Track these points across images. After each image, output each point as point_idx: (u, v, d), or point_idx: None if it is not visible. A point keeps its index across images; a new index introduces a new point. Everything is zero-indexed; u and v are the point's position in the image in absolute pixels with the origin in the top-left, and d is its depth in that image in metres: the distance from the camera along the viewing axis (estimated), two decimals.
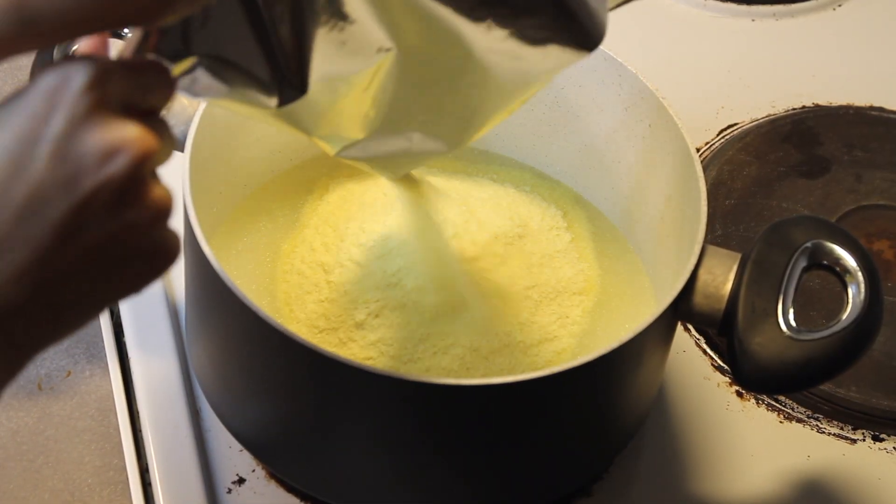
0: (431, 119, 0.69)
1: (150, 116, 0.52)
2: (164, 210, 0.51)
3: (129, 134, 0.49)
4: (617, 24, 1.12)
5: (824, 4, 1.18)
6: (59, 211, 0.49)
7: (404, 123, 0.68)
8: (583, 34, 0.65)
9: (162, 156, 0.52)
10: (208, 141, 0.79)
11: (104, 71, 0.49)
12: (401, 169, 0.73)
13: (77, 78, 0.49)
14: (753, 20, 1.16)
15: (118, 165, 0.49)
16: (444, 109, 0.68)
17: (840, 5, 1.18)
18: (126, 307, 0.88)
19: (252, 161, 0.86)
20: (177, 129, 0.79)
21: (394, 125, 0.67)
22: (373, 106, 0.65)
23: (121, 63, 0.51)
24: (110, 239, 0.50)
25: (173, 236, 0.53)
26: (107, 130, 0.49)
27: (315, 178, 0.89)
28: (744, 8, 1.17)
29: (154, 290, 0.89)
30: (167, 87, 0.53)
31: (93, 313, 0.53)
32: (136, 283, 0.53)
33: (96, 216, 0.49)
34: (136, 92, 0.51)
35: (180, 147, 0.78)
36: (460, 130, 0.69)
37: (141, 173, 0.50)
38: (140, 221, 0.50)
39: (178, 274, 0.89)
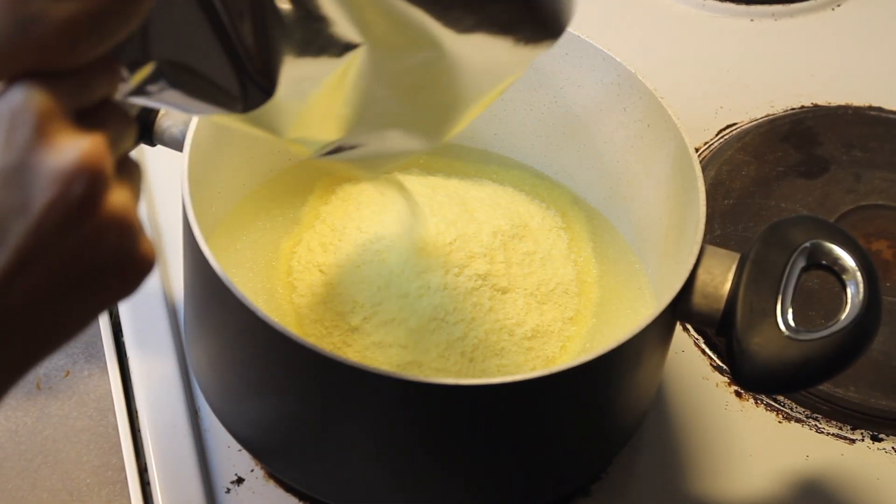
0: (407, 115, 0.68)
1: (103, 107, 0.51)
2: (125, 219, 0.50)
3: (79, 153, 0.48)
4: (616, 23, 1.13)
5: (823, 4, 1.18)
6: (15, 236, 0.48)
7: (379, 121, 0.67)
8: (550, 18, 0.65)
9: (123, 145, 0.52)
10: (207, 140, 0.78)
11: (48, 87, 0.49)
12: (381, 167, 0.72)
13: (19, 100, 0.48)
14: (752, 20, 1.16)
15: (72, 187, 0.48)
16: (419, 105, 0.68)
17: (839, 5, 1.18)
18: (125, 307, 0.88)
19: (251, 160, 0.86)
20: (175, 129, 0.80)
21: (369, 124, 0.66)
22: (345, 105, 0.65)
23: (63, 74, 0.50)
24: (73, 258, 0.50)
25: (144, 245, 0.52)
26: (57, 152, 0.48)
27: (315, 178, 0.89)
28: (743, 8, 1.17)
29: (152, 290, 0.88)
30: (113, 76, 0.52)
31: (74, 330, 0.52)
32: (110, 297, 0.52)
33: (55, 237, 0.49)
34: (83, 94, 0.50)
35: (179, 146, 0.78)
36: (438, 125, 0.68)
37: (97, 189, 0.49)
38: (101, 235, 0.50)
39: (176, 273, 0.89)
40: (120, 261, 0.51)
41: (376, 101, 0.65)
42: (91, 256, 0.50)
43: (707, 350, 0.91)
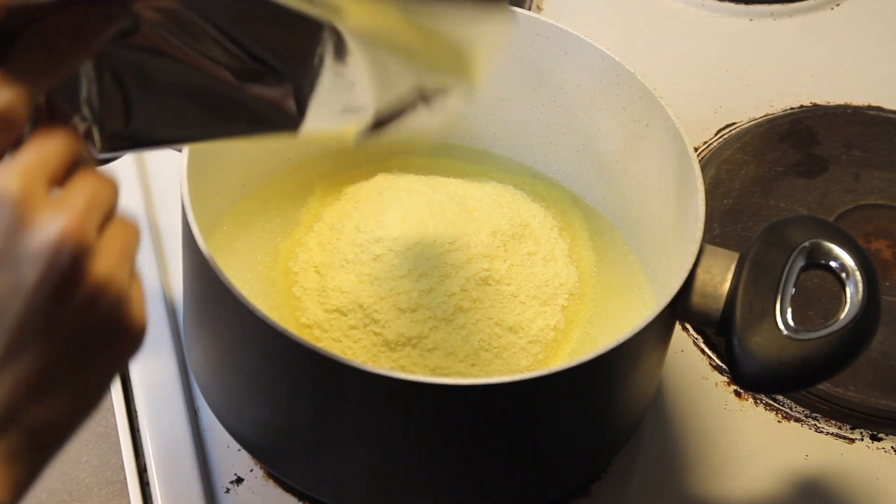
0: (427, 68, 0.67)
1: (75, 172, 0.53)
2: (111, 283, 0.52)
3: (59, 227, 0.50)
4: (616, 23, 1.13)
5: (822, 4, 1.18)
6: (11, 316, 0.51)
7: (406, 80, 0.66)
8: None
9: (105, 204, 0.53)
10: None
11: (16, 170, 0.51)
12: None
13: None
14: (752, 19, 1.16)
15: (57, 260, 0.50)
16: (431, 58, 0.66)
17: (838, 4, 1.18)
18: None
19: (250, 160, 0.86)
20: None
21: (395, 85, 0.65)
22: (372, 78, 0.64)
23: (32, 151, 0.51)
24: (67, 328, 0.51)
25: (136, 311, 0.53)
26: (38, 232, 0.50)
27: (313, 178, 0.89)
28: (742, 7, 1.17)
29: (152, 289, 0.88)
30: (70, 138, 0.53)
31: (80, 411, 0.54)
32: (107, 369, 0.54)
33: (47, 310, 0.51)
34: (47, 165, 0.52)
35: (178, 147, 0.78)
36: (464, 65, 0.66)
37: (80, 257, 0.51)
38: (92, 302, 0.51)
39: (176, 273, 0.89)
40: (112, 328, 0.53)
41: (389, 67, 0.65)
42: (83, 326, 0.52)
43: (706, 349, 0.91)
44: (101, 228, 0.52)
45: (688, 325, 0.92)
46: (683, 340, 0.91)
